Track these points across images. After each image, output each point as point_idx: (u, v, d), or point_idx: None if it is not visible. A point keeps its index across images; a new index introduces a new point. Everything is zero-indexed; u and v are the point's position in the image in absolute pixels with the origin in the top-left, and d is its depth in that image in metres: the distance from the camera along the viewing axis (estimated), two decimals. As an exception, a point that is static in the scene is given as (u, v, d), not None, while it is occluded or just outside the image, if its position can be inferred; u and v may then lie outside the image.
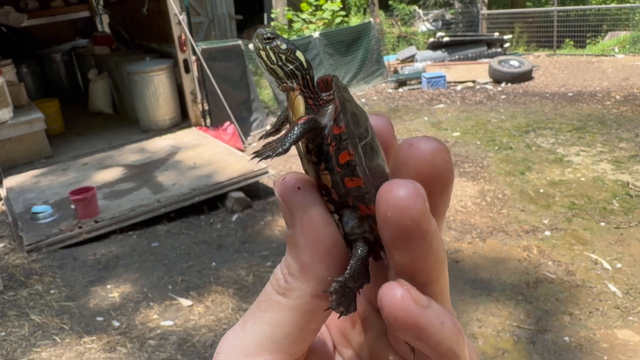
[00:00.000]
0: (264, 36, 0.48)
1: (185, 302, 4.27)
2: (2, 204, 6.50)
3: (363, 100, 10.84)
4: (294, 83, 0.47)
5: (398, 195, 0.36)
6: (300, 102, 0.46)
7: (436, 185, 0.38)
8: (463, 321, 3.83)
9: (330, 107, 0.45)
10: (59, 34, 11.70)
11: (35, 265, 4.96)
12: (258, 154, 0.44)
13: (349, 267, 0.42)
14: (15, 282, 4.70)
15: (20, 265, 4.98)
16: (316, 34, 11.21)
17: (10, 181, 6.75)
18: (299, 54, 0.48)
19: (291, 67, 0.48)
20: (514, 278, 4.29)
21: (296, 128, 0.43)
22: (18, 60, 9.43)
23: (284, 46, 0.48)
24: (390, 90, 11.39)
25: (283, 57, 0.48)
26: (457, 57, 12.27)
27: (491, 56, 12.02)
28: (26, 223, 5.57)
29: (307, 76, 0.48)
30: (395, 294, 0.36)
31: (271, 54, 0.48)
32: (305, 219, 0.41)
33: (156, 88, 8.04)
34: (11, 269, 4.90)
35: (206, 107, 8.54)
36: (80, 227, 5.39)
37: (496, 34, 13.25)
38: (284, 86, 0.48)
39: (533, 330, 3.67)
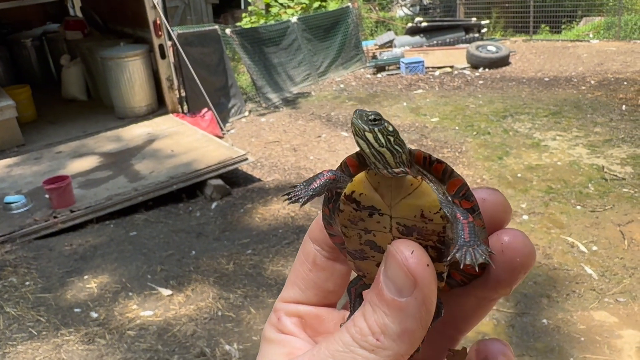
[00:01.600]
0: (370, 117, 0.46)
1: (165, 291, 4.23)
2: (-27, 194, 6.33)
3: (342, 85, 10.79)
4: (402, 167, 0.45)
5: (529, 247, 0.46)
6: (430, 188, 0.45)
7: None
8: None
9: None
10: (29, 19, 11.36)
11: (9, 256, 4.85)
12: (290, 197, 0.47)
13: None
14: (-11, 274, 4.59)
15: (-6, 256, 4.86)
16: (294, 19, 11.09)
17: (-19, 171, 6.57)
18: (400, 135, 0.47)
19: (400, 150, 0.46)
20: (493, 262, 4.33)
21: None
22: (-15, 46, 9.14)
23: (391, 128, 0.46)
24: (369, 76, 11.36)
25: (392, 139, 0.46)
26: (435, 42, 12.28)
27: (469, 41, 12.06)
28: (-1, 213, 5.44)
29: (409, 157, 0.47)
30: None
31: (380, 136, 0.45)
32: (428, 294, 0.42)
33: (131, 74, 7.88)
34: (-16, 261, 4.78)
35: (183, 94, 8.41)
36: (55, 217, 5.27)
37: (474, 19, 13.29)
38: (392, 171, 0.45)
39: (512, 313, 3.72)
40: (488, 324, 3.62)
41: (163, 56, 7.88)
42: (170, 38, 7.87)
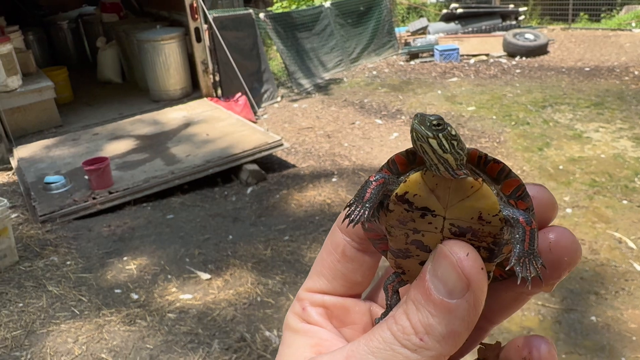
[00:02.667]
0: (433, 122, 0.43)
1: (203, 275, 4.23)
2: (14, 174, 6.44)
3: (374, 72, 10.66)
4: (463, 169, 0.44)
5: (576, 245, 0.46)
6: (491, 191, 0.44)
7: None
8: (486, 299, 3.78)
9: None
10: (65, 1, 11.47)
11: (49, 236, 4.92)
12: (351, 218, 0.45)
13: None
14: (31, 253, 4.66)
15: (35, 235, 4.93)
16: (327, 4, 10.96)
17: (21, 151, 6.67)
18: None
19: (462, 153, 0.44)
20: (537, 256, 4.22)
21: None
22: (24, 27, 9.25)
23: (454, 132, 0.44)
24: (401, 63, 11.19)
25: (455, 143, 0.44)
26: (470, 29, 12.02)
27: (505, 29, 11.77)
28: (39, 193, 5.51)
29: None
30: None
31: (444, 141, 0.43)
32: (479, 297, 0.42)
33: (167, 57, 7.89)
34: (26, 240, 4.86)
35: (217, 78, 8.39)
36: (94, 198, 5.33)
37: (511, 6, 12.97)
38: (453, 173, 0.43)
39: (558, 309, 3.62)
40: (533, 320, 3.54)
41: (199, 39, 7.86)
42: (206, 21, 7.84)
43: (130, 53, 8.80)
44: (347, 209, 0.46)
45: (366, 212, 0.45)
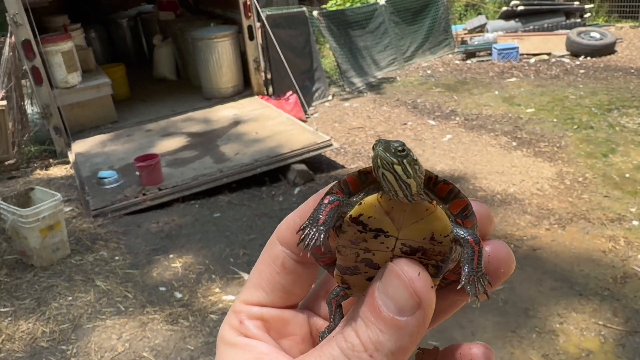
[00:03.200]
0: (398, 149, 0.43)
1: (246, 276, 4.18)
2: (71, 167, 6.63)
3: (429, 71, 10.39)
4: (422, 193, 0.44)
5: (511, 257, 0.48)
6: (444, 213, 0.45)
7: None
8: (542, 315, 3.56)
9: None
10: (126, 0, 11.78)
11: (101, 230, 5.02)
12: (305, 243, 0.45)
13: None
14: (82, 247, 4.76)
15: (87, 229, 5.04)
16: (382, 1, 10.77)
17: (79, 145, 6.87)
18: None
19: (422, 177, 0.45)
20: (599, 271, 3.95)
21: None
22: (86, 25, 9.55)
23: (415, 156, 0.45)
24: (457, 62, 10.86)
25: (417, 168, 0.44)
26: (531, 27, 11.51)
27: (569, 27, 11.21)
28: (93, 188, 5.64)
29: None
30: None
31: (408, 167, 0.43)
32: (429, 314, 0.43)
33: (220, 55, 7.94)
34: (78, 233, 4.97)
35: (269, 76, 8.38)
36: (144, 194, 5.40)
37: (576, 3, 12.35)
38: (412, 198, 0.44)
39: (622, 330, 3.36)
40: (594, 340, 3.29)
41: (251, 37, 7.87)
42: (259, 19, 7.84)
43: (184, 51, 8.93)
44: (301, 232, 0.45)
45: (322, 236, 0.44)
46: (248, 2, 7.60)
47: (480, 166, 5.94)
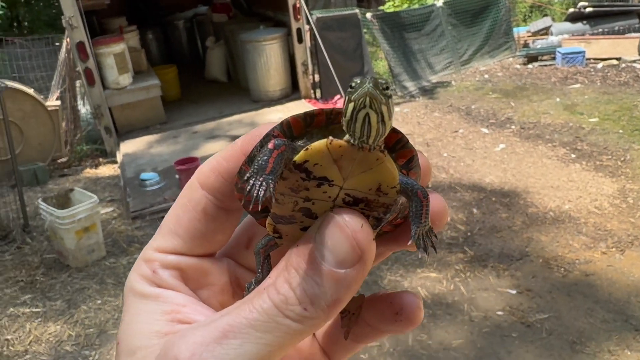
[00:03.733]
0: (385, 86, 0.41)
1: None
2: (118, 167, 6.75)
3: (486, 76, 9.95)
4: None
5: (445, 207, 0.48)
6: (393, 163, 0.43)
7: None
8: (590, 351, 3.22)
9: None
10: (183, 1, 11.98)
11: (137, 232, 5.03)
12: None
13: None
14: (118, 249, 4.79)
15: (124, 231, 5.07)
16: (440, 3, 10.42)
17: (127, 146, 6.98)
18: None
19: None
20: (660, 304, 3.55)
21: None
22: (144, 27, 9.77)
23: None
24: (517, 66, 10.34)
25: (393, 110, 0.42)
26: (600, 30, 10.82)
27: (643, 30, 10.45)
28: (134, 189, 5.69)
29: None
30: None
31: (391, 108, 0.42)
32: (368, 266, 0.42)
33: (268, 57, 7.88)
34: (115, 235, 5.01)
35: (317, 79, 8.26)
36: (182, 198, 5.37)
37: (651, 4, 11.51)
38: (373, 145, 0.41)
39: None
40: (648, 385, 2.93)
41: (300, 40, 7.77)
42: (308, 22, 7.72)
43: (235, 53, 8.95)
44: (247, 183, 0.40)
45: (271, 185, 0.40)
46: (297, 5, 7.49)
47: (533, 179, 5.56)
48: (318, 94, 8.20)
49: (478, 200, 5.21)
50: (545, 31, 11.52)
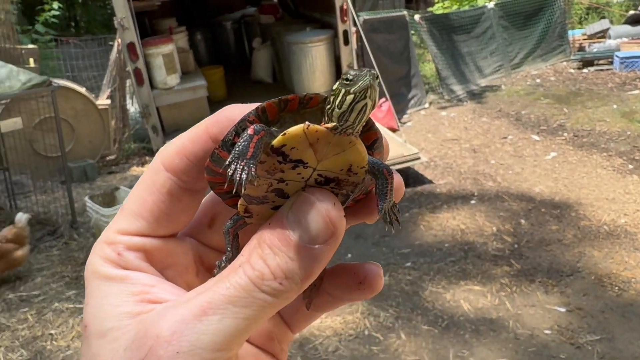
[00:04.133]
0: (375, 75, 0.44)
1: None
2: (163, 166, 6.85)
3: (538, 80, 9.61)
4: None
5: (401, 183, 0.48)
6: (364, 146, 0.45)
7: None
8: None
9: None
10: (232, 2, 12.09)
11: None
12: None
13: None
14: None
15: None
16: (491, 4, 10.14)
17: (172, 145, 7.08)
18: None
19: None
20: None
21: None
22: (193, 28, 9.91)
23: None
24: (572, 71, 9.96)
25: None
26: (663, 33, 10.29)
27: None
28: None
29: None
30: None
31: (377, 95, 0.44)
32: (339, 241, 0.44)
33: (314, 59, 7.84)
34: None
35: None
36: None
37: None
38: (355, 131, 0.44)
39: None
40: None
41: (346, 42, 7.69)
42: (355, 24, 7.63)
43: (281, 54, 8.95)
44: (228, 168, 0.41)
45: (252, 170, 0.41)
46: (345, 6, 7.42)
47: (587, 191, 5.30)
48: (363, 97, 8.10)
49: (527, 210, 5.01)
50: (603, 34, 11.04)
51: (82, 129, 7.09)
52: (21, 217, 4.48)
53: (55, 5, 11.42)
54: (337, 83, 0.44)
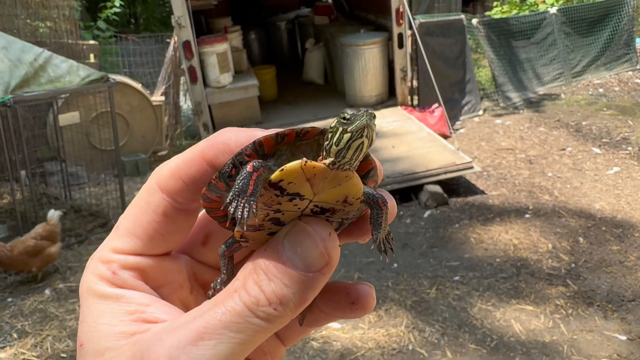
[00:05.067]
0: (373, 115, 0.46)
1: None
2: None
3: (601, 90, 9.17)
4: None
5: (394, 206, 0.50)
6: (359, 179, 0.46)
7: None
8: None
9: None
10: (287, 3, 12.13)
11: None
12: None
13: None
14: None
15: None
16: (553, 10, 9.75)
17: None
18: None
19: None
20: None
21: None
22: (247, 27, 9.98)
23: None
24: (638, 81, 9.45)
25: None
26: None
27: None
28: (225, 188, 5.77)
29: None
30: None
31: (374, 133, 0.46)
32: (333, 268, 0.45)
33: (366, 62, 7.74)
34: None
35: (415, 86, 8.00)
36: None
37: None
38: (353, 167, 0.45)
39: None
40: None
41: (401, 45, 7.55)
42: (410, 27, 7.48)
43: (333, 55, 8.89)
44: (230, 207, 0.43)
45: (253, 207, 0.43)
46: (401, 9, 7.28)
47: (652, 210, 4.99)
48: (415, 102, 7.94)
49: (585, 228, 4.75)
50: (674, 43, 10.44)
51: (136, 124, 7.24)
52: (53, 214, 4.59)
53: (117, 2, 11.75)
54: (335, 121, 0.45)
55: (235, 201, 0.42)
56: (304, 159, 0.43)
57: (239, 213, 0.42)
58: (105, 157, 6.45)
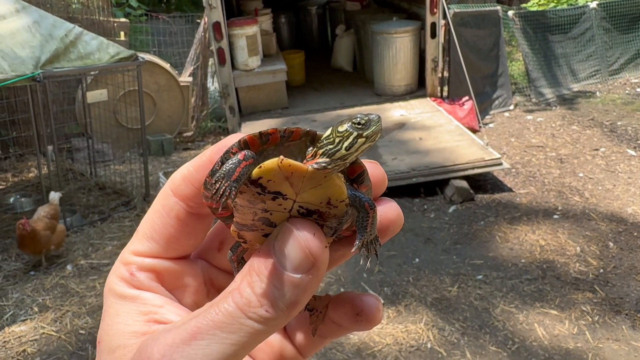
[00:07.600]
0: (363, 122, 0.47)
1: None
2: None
3: (638, 89, 8.86)
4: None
5: (400, 216, 0.52)
6: (341, 180, 0.46)
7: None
8: None
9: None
10: (318, -13, 11.99)
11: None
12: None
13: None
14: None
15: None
16: (593, 4, 9.42)
17: (247, 127, 7.10)
18: None
19: None
20: None
21: None
22: (278, 11, 9.88)
23: None
24: (678, 82, 9.11)
25: None
26: None
27: None
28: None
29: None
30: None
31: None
32: (322, 271, 0.45)
33: (397, 51, 7.60)
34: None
35: (445, 77, 7.83)
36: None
37: None
38: (336, 169, 0.46)
39: None
40: None
41: (433, 35, 7.38)
42: (444, 16, 7.30)
43: (363, 43, 8.76)
44: (213, 186, 0.44)
45: (233, 192, 0.43)
46: (436, -2, 7.10)
47: (687, 217, 4.80)
48: (445, 94, 7.78)
49: (616, 232, 4.60)
50: None
51: (163, 103, 7.24)
52: (54, 196, 4.64)
53: (150, -20, 11.75)
54: (346, 125, 0.45)
55: (219, 182, 0.43)
56: (281, 156, 0.43)
57: (219, 194, 0.43)
58: (131, 136, 6.47)
